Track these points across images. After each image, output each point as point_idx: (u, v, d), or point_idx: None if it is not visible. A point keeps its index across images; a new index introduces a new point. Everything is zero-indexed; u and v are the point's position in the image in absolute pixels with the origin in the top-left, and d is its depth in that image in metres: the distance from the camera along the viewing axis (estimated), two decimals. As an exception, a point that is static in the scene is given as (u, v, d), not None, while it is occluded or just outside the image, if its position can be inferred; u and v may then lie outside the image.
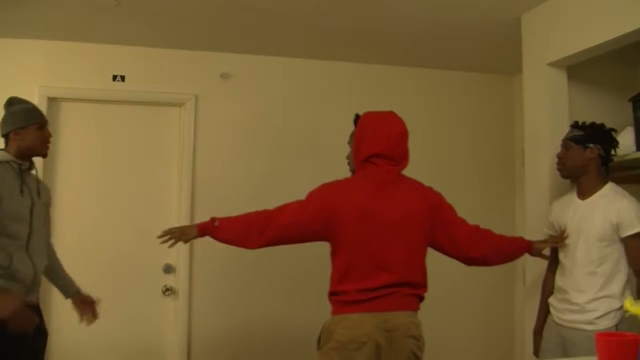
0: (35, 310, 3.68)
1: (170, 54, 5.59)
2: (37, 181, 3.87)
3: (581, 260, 3.66)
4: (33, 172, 3.86)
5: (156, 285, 5.46)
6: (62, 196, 5.36)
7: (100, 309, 4.20)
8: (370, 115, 3.60)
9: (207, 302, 5.41)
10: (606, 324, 3.53)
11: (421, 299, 3.45)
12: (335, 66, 5.88)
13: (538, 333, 4.00)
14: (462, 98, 6.13)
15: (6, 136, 3.73)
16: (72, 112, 5.46)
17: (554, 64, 4.45)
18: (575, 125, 3.89)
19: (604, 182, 3.76)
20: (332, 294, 3.39)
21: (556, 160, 3.93)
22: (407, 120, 5.89)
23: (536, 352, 4.01)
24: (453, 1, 4.48)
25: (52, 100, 5.38)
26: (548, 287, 3.97)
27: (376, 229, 3.29)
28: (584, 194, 3.77)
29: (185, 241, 3.71)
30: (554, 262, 3.95)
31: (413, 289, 3.35)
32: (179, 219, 5.46)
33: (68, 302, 5.25)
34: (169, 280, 5.46)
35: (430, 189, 3.57)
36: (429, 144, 5.99)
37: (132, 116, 5.54)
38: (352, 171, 3.68)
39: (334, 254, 3.42)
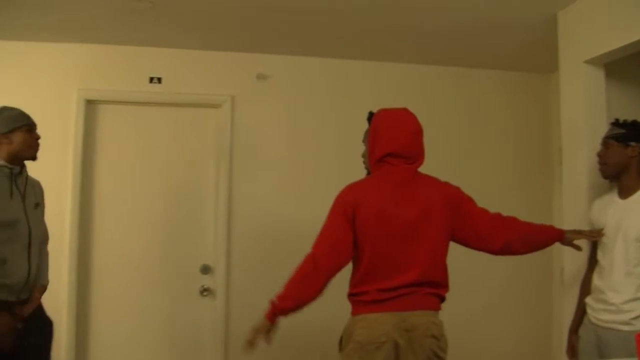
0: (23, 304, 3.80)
1: (206, 56, 5.62)
2: (26, 183, 3.96)
3: (619, 260, 3.60)
4: (24, 175, 3.97)
5: (194, 285, 5.49)
6: (100, 197, 5.44)
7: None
8: (384, 113, 3.52)
9: (245, 302, 5.42)
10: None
11: (442, 299, 3.38)
12: (372, 66, 5.86)
13: (573, 332, 3.95)
14: (498, 97, 6.08)
15: None
16: (110, 115, 5.52)
17: (591, 62, 4.40)
18: (615, 123, 3.82)
19: None
20: (351, 295, 3.36)
21: (597, 159, 3.88)
22: (443, 119, 5.95)
23: (569, 351, 3.96)
24: (489, 0, 4.46)
25: (90, 103, 5.44)
26: (586, 287, 3.90)
27: (394, 229, 3.25)
28: (624, 193, 3.71)
29: (267, 340, 3.36)
30: (593, 262, 3.88)
31: (433, 289, 3.30)
32: (215, 220, 5.52)
33: (108, 304, 5.35)
34: (207, 280, 5.49)
35: (447, 184, 3.50)
36: (465, 144, 5.97)
37: (169, 118, 5.58)
38: (368, 170, 3.66)
39: (354, 254, 3.38)
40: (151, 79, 5.54)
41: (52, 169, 5.28)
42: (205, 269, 5.50)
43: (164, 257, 5.48)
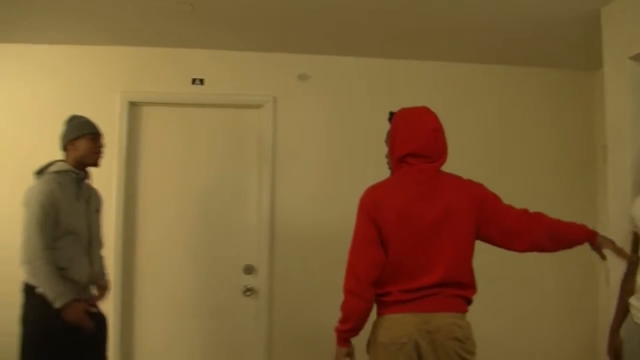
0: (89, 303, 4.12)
1: (248, 57, 5.64)
2: (89, 189, 4.28)
3: None
4: (87, 180, 4.27)
5: (237, 285, 5.51)
6: (144, 198, 5.50)
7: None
8: (403, 112, 3.49)
9: (288, 302, 5.43)
10: None
11: (469, 301, 3.30)
12: (412, 65, 5.84)
13: (615, 332, 3.81)
14: (540, 95, 6.01)
15: (65, 148, 4.18)
16: (153, 116, 5.57)
17: (636, 58, 4.34)
18: None
19: None
20: (376, 295, 3.31)
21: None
22: (484, 118, 5.91)
23: (610, 352, 3.84)
24: (530, -3, 4.42)
25: (133, 105, 5.51)
26: (627, 286, 3.77)
27: (416, 229, 3.20)
28: None
29: None
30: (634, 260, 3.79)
31: (459, 290, 3.23)
32: (258, 220, 5.54)
33: (152, 304, 5.40)
34: (250, 280, 5.50)
35: (470, 181, 3.40)
36: (506, 143, 5.92)
37: (211, 119, 5.61)
38: (391, 171, 3.60)
39: None
40: (193, 81, 5.58)
41: (96, 170, 5.33)
42: (249, 269, 5.51)
43: (208, 258, 5.51)
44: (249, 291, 5.49)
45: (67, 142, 4.15)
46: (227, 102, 5.62)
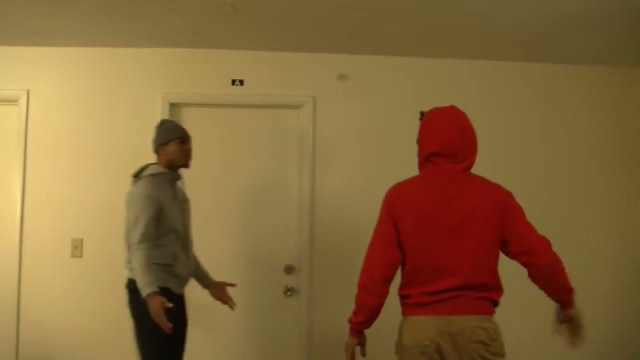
0: (184, 300, 4.39)
1: (287, 57, 5.65)
2: (181, 189, 4.53)
3: None
4: (179, 181, 4.50)
5: (278, 285, 5.54)
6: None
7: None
8: (431, 112, 3.48)
9: (328, 302, 5.43)
10: None
11: (495, 303, 3.23)
12: (452, 64, 5.80)
13: None
14: (581, 93, 5.89)
15: (156, 152, 4.41)
16: (193, 117, 5.59)
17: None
18: None
19: None
20: (399, 297, 3.32)
21: None
22: (525, 118, 5.85)
23: None
24: (571, -8, 4.36)
25: (173, 106, 5.55)
26: None
27: (436, 230, 3.17)
28: None
29: (362, 353, 3.48)
30: None
31: (482, 292, 3.17)
32: (299, 220, 5.56)
33: (192, 304, 5.42)
34: (290, 280, 5.52)
35: (498, 186, 3.32)
36: (547, 144, 5.84)
37: (251, 119, 5.63)
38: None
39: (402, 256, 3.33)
40: (233, 82, 5.60)
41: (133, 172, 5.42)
42: (289, 269, 5.53)
43: (248, 258, 5.54)
44: (289, 291, 5.50)
45: (157, 147, 4.39)
46: (266, 102, 5.64)
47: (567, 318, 3.35)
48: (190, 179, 5.52)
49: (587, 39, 5.24)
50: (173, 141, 4.35)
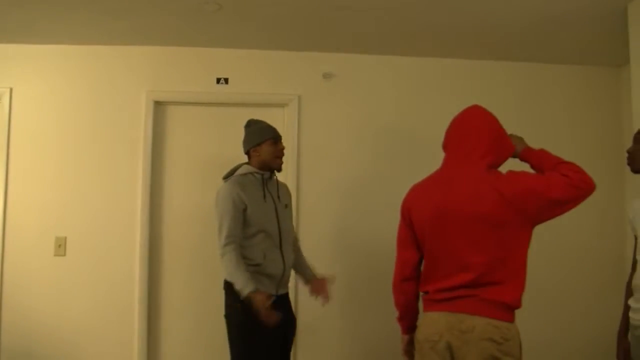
0: (284, 300, 4.38)
1: (272, 55, 5.65)
2: (277, 187, 4.49)
3: None
4: (274, 179, 4.50)
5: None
6: (169, 197, 5.57)
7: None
8: (461, 112, 3.49)
9: (312, 301, 5.43)
10: None
11: (508, 307, 3.11)
12: (437, 63, 5.82)
13: (622, 336, 3.72)
14: (565, 92, 5.96)
15: (248, 153, 4.46)
16: (178, 115, 5.59)
17: (664, 53, 4.32)
18: None
19: None
20: (422, 294, 3.37)
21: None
22: (510, 116, 5.75)
23: (619, 356, 3.73)
24: (556, -8, 4.39)
25: (158, 104, 5.54)
26: (629, 288, 3.70)
27: (449, 228, 3.17)
28: None
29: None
30: (635, 261, 3.70)
31: (497, 295, 3.07)
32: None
33: (178, 303, 5.41)
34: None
35: (513, 176, 3.22)
36: (532, 141, 5.85)
37: (236, 118, 5.56)
38: None
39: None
40: (218, 80, 5.59)
41: (122, 169, 5.40)
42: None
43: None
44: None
45: (251, 149, 4.42)
46: (251, 101, 5.62)
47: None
48: (175, 177, 5.53)
49: (571, 39, 5.29)
50: (267, 141, 4.37)
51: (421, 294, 3.37)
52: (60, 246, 5.33)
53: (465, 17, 4.85)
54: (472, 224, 3.14)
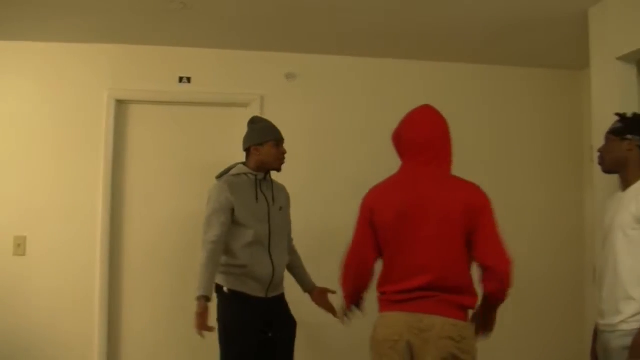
0: (278, 302, 4.31)
1: (235, 55, 5.64)
2: (273, 188, 4.40)
3: (612, 253, 3.47)
4: (269, 181, 4.42)
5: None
6: (131, 196, 5.54)
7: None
8: (410, 112, 3.54)
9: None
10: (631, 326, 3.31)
11: (465, 307, 3.23)
12: (401, 64, 5.86)
13: (596, 334, 3.72)
14: (528, 95, 6.05)
15: (247, 150, 4.35)
16: (140, 114, 5.57)
17: (624, 58, 4.37)
18: (618, 117, 3.70)
19: None
20: (378, 294, 3.37)
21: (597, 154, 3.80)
22: (473, 118, 5.92)
23: (591, 355, 3.74)
24: (518, -3, 4.43)
25: (120, 103, 5.50)
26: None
27: (408, 231, 3.20)
28: (624, 187, 3.56)
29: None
30: None
31: (454, 295, 3.17)
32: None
33: (139, 302, 5.38)
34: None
35: (475, 188, 3.30)
36: (495, 143, 5.95)
37: (198, 117, 5.61)
38: None
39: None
40: (181, 79, 5.57)
41: (83, 168, 5.35)
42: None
43: (196, 256, 5.48)
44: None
45: (252, 146, 4.32)
46: (214, 100, 5.62)
47: (485, 317, 3.41)
48: (137, 177, 5.50)
49: (533, 42, 5.37)
50: (269, 143, 4.32)
51: (377, 294, 3.37)
52: (20, 245, 5.26)
53: (429, 20, 4.89)
54: (433, 227, 3.18)
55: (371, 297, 3.45)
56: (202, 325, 3.94)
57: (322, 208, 5.56)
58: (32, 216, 5.31)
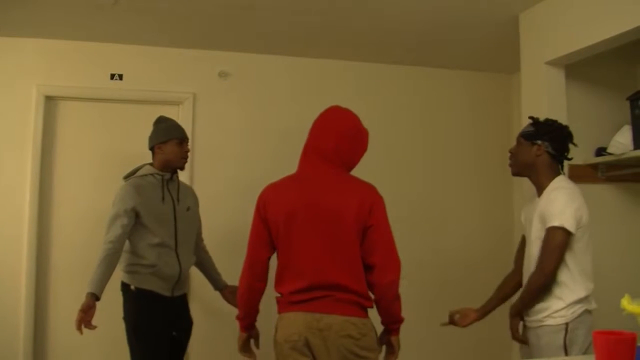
0: (181, 302, 4.38)
1: (168, 53, 5.59)
2: (180, 188, 4.42)
3: (529, 257, 3.59)
4: (175, 181, 4.43)
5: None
6: (59, 196, 5.42)
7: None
8: (324, 112, 3.57)
9: (214, 302, 5.39)
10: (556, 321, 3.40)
11: (363, 307, 3.26)
12: (335, 65, 5.89)
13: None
14: (460, 97, 6.15)
15: (152, 150, 4.38)
16: (70, 111, 5.46)
17: (552, 63, 4.46)
18: (531, 120, 3.77)
19: (554, 178, 3.57)
20: (277, 295, 3.38)
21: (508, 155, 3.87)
22: (405, 119, 5.98)
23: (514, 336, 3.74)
24: (451, 0, 4.48)
25: (49, 99, 5.39)
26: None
27: (302, 230, 3.24)
28: (539, 192, 3.63)
29: (256, 345, 3.68)
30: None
31: (351, 296, 3.19)
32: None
33: (66, 304, 5.29)
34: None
35: (370, 189, 3.34)
36: (427, 144, 6.03)
37: (130, 115, 5.53)
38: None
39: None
40: (112, 76, 5.50)
41: (10, 166, 5.24)
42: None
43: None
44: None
45: (155, 145, 4.34)
46: (146, 98, 5.55)
47: (388, 343, 3.46)
48: (65, 175, 5.41)
49: (465, 46, 5.46)
50: (172, 141, 4.31)
51: (275, 295, 3.37)
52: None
53: (363, 21, 4.92)
54: (327, 225, 3.21)
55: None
56: (82, 320, 3.86)
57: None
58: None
